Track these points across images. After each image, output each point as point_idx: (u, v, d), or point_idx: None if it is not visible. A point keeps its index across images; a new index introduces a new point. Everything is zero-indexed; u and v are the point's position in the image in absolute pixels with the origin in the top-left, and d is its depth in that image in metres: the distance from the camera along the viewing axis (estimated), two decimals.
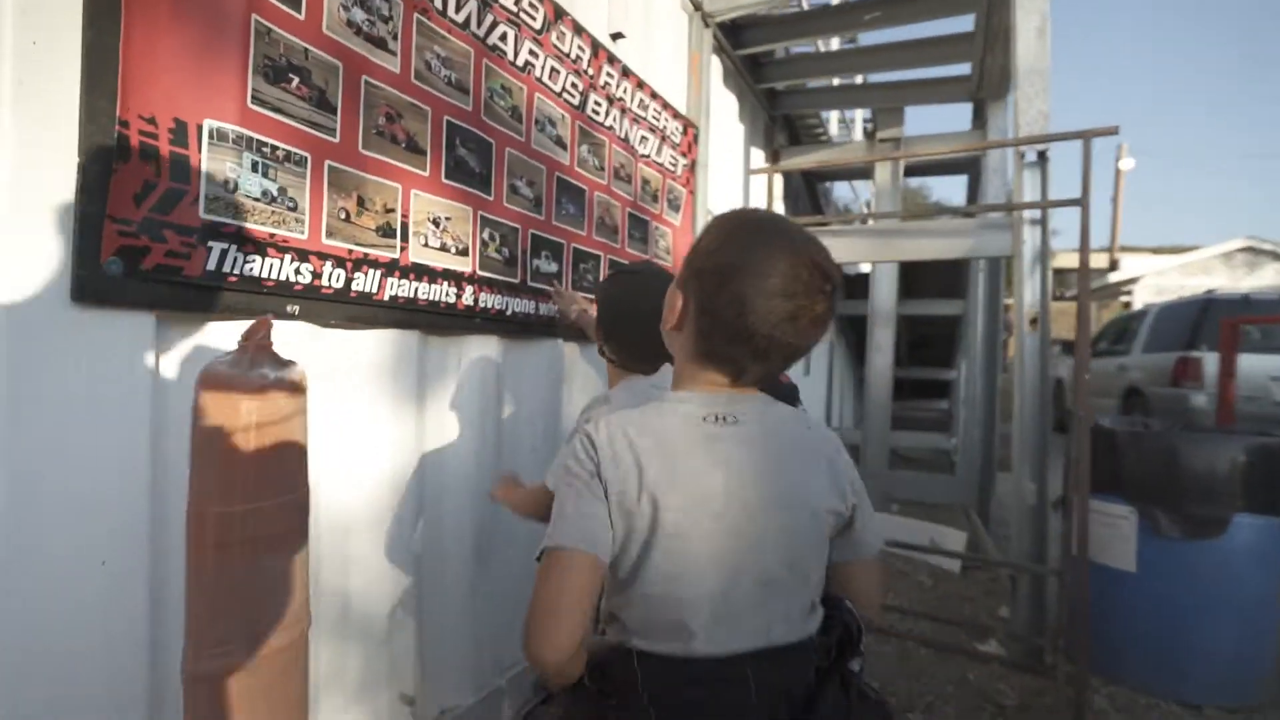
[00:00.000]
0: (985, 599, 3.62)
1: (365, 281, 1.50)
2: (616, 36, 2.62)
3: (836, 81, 4.89)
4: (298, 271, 1.34)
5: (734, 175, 4.26)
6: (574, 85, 2.30)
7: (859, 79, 4.84)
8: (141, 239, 1.07)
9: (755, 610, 0.77)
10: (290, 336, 1.36)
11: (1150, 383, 7.49)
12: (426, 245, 1.68)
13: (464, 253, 1.81)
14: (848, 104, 4.69)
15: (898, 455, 7.25)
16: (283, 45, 1.30)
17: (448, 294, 1.75)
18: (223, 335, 1.25)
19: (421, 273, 1.66)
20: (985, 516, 4.27)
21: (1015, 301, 2.91)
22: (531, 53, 2.06)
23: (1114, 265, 19.82)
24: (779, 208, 5.27)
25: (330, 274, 1.41)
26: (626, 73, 2.65)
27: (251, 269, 1.24)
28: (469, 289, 1.82)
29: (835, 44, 6.69)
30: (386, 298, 1.56)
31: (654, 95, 2.88)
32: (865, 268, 8.57)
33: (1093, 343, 10.16)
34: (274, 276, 1.29)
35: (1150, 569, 2.57)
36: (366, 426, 1.57)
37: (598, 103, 2.46)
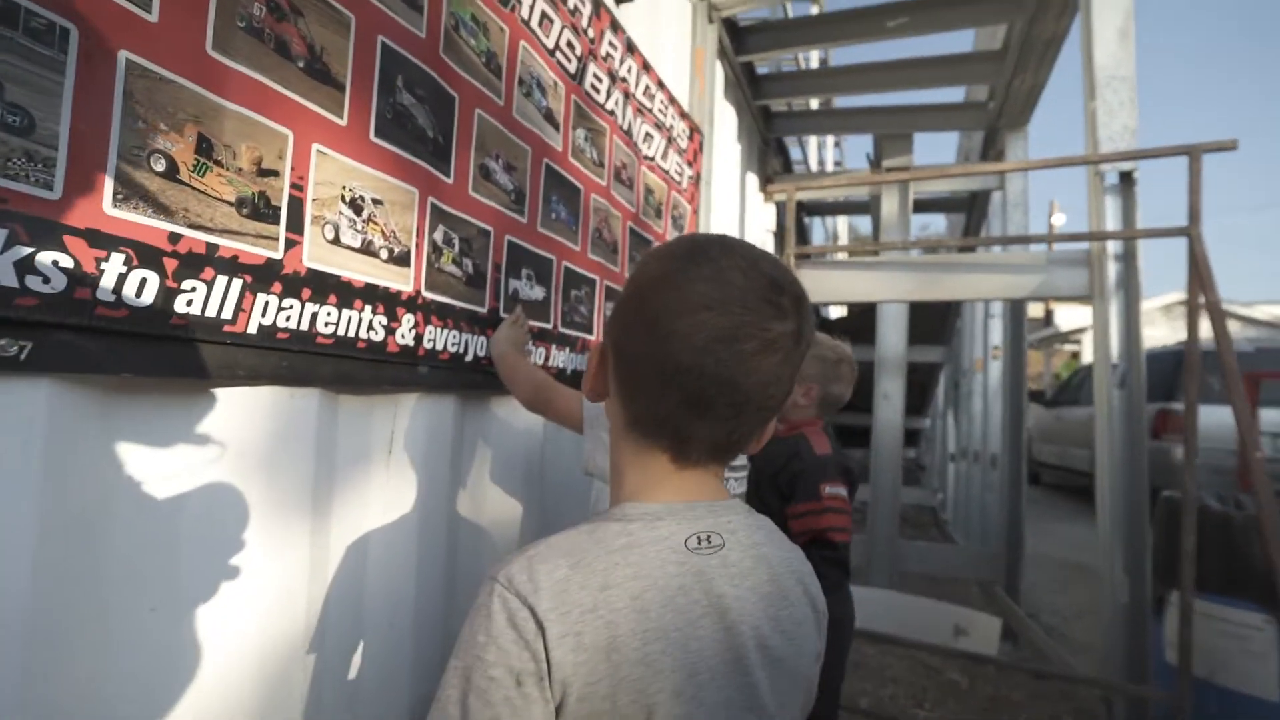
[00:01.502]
0: (1035, 705, 2.99)
1: (209, 297, 0.78)
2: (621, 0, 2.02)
3: (835, 104, 4.43)
4: (29, 268, 0.62)
5: (731, 200, 3.69)
6: (570, 46, 1.66)
7: (858, 102, 4.38)
8: None
9: None
10: (10, 411, 0.62)
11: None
12: (337, 241, 0.98)
13: (402, 260, 1.11)
14: (848, 129, 4.23)
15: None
16: None
17: (372, 326, 1.04)
18: None
19: (326, 287, 0.95)
20: (1015, 596, 3.68)
21: (1096, 349, 2.37)
22: None
23: (1049, 316, 20.35)
24: (775, 242, 4.74)
25: (121, 277, 0.69)
26: (631, 48, 2.03)
27: None
28: (408, 319, 1.12)
29: (815, 61, 6.34)
30: (253, 328, 0.84)
31: (660, 84, 2.27)
32: (838, 310, 8.17)
33: (1059, 391, 10.02)
34: None
35: None
36: (214, 575, 0.83)
37: (598, 77, 1.82)
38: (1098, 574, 4.45)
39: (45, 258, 0.63)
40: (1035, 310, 17.88)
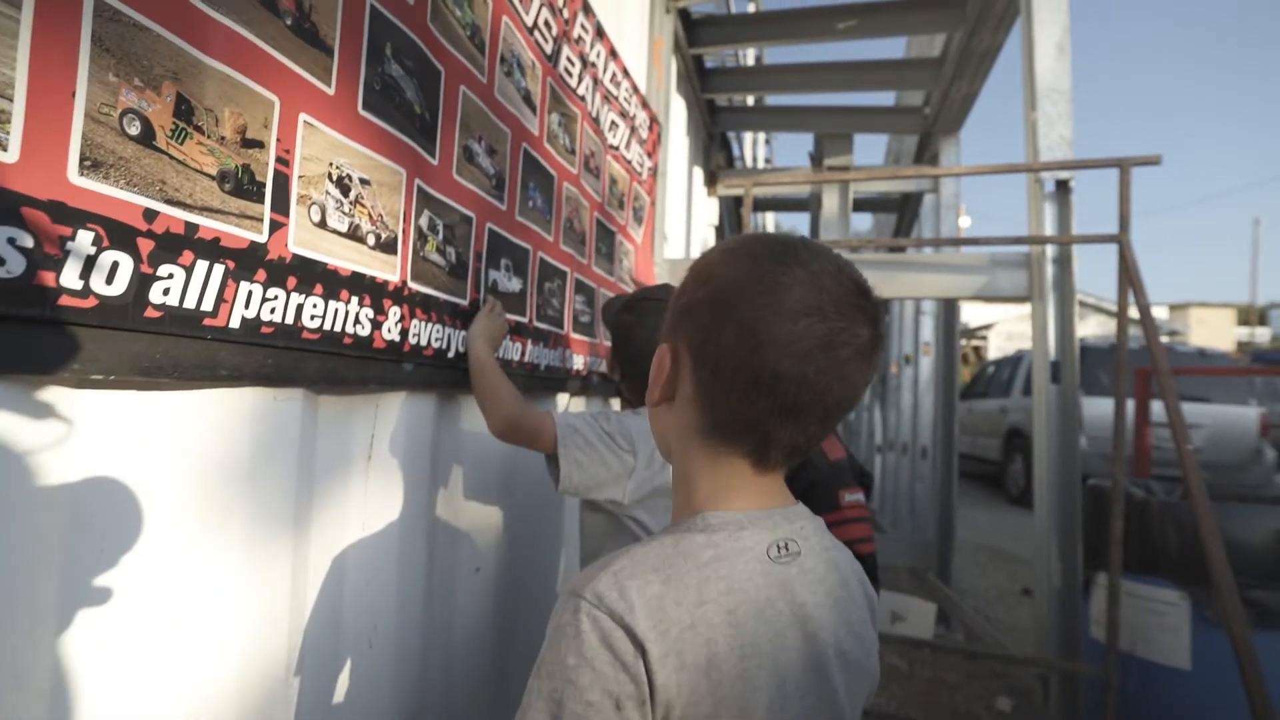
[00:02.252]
0: (970, 685, 3.16)
1: (188, 285, 0.67)
2: None
3: (769, 102, 4.50)
4: None
5: (679, 193, 3.67)
6: (547, 25, 1.58)
7: (801, 101, 4.46)
8: None
9: None
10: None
11: (1031, 424, 7.77)
12: (324, 225, 0.87)
13: (389, 247, 1.01)
14: (791, 126, 4.31)
15: None
16: None
17: (359, 319, 0.94)
18: None
19: (313, 276, 0.85)
20: (947, 581, 3.88)
21: (1036, 348, 2.51)
22: None
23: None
24: (717, 238, 4.77)
25: (92, 261, 0.58)
26: (601, 33, 1.96)
27: None
28: (395, 312, 1.02)
29: (751, 58, 6.43)
30: (236, 321, 0.73)
31: (625, 72, 2.21)
32: None
33: (969, 386, 10.66)
34: None
35: (1208, 666, 2.18)
36: (181, 603, 0.71)
37: (571, 60, 1.74)
38: (1017, 558, 4.75)
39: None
40: None
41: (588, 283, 1.93)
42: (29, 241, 0.53)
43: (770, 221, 11.77)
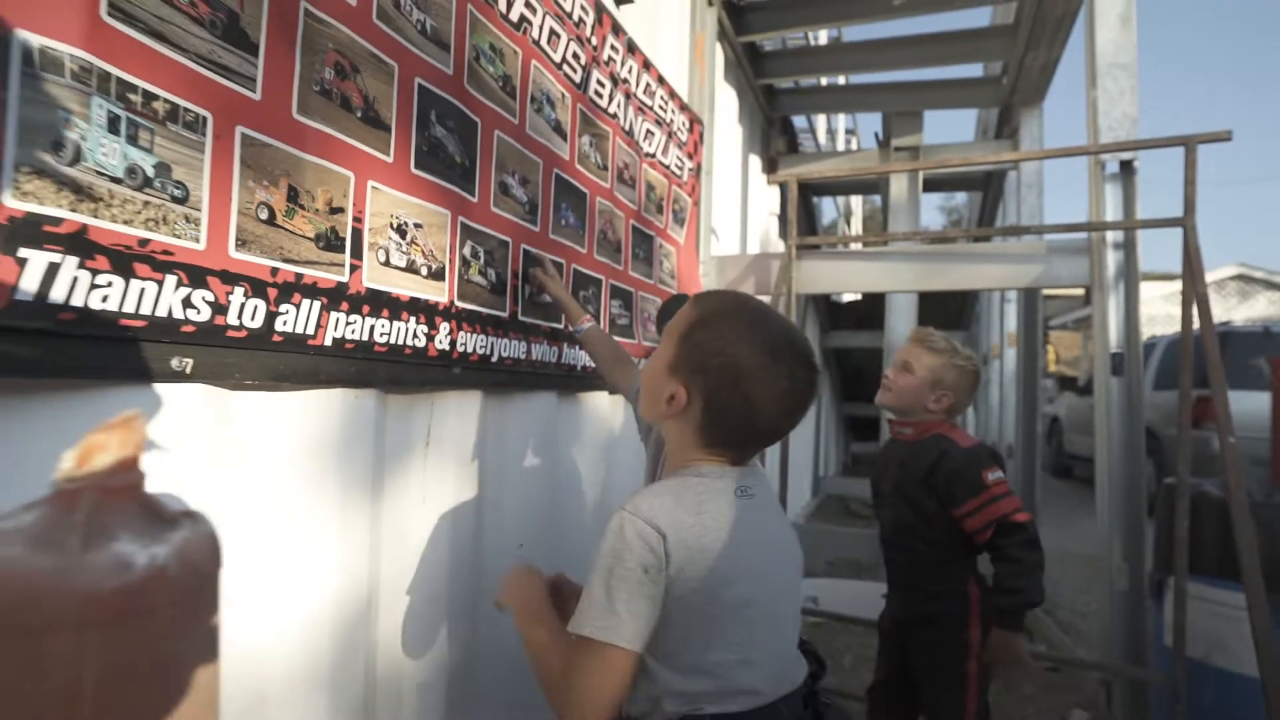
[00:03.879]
0: (1047, 697, 3.30)
1: (298, 318, 1.06)
2: (623, 1, 2.28)
3: (843, 80, 4.69)
4: (188, 302, 0.89)
5: (732, 184, 3.96)
6: (575, 56, 1.93)
7: (870, 78, 4.63)
8: None
9: (791, 658, 0.96)
10: (174, 410, 0.90)
11: (1164, 424, 7.52)
12: (388, 263, 1.26)
13: (438, 275, 1.39)
14: (856, 106, 4.49)
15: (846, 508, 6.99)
16: None
17: (416, 334, 1.32)
18: (47, 433, 0.79)
19: (381, 303, 1.23)
20: None
21: (1097, 339, 2.66)
22: (528, 5, 1.68)
23: (1089, 294, 20.64)
24: (780, 226, 5.01)
25: (242, 306, 0.97)
26: (632, 48, 2.30)
27: (106, 298, 0.79)
28: (444, 326, 1.40)
29: (823, 37, 6.59)
30: (329, 341, 1.12)
31: (661, 80, 2.54)
32: (849, 296, 8.43)
33: (1090, 379, 10.32)
34: (147, 311, 0.84)
35: None
36: (296, 543, 1.11)
37: (601, 82, 2.09)
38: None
39: (197, 295, 0.91)
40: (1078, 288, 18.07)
41: (624, 287, 2.27)
42: (211, 298, 0.93)
43: (857, 203, 11.75)
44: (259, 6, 1.00)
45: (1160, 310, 15.54)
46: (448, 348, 1.40)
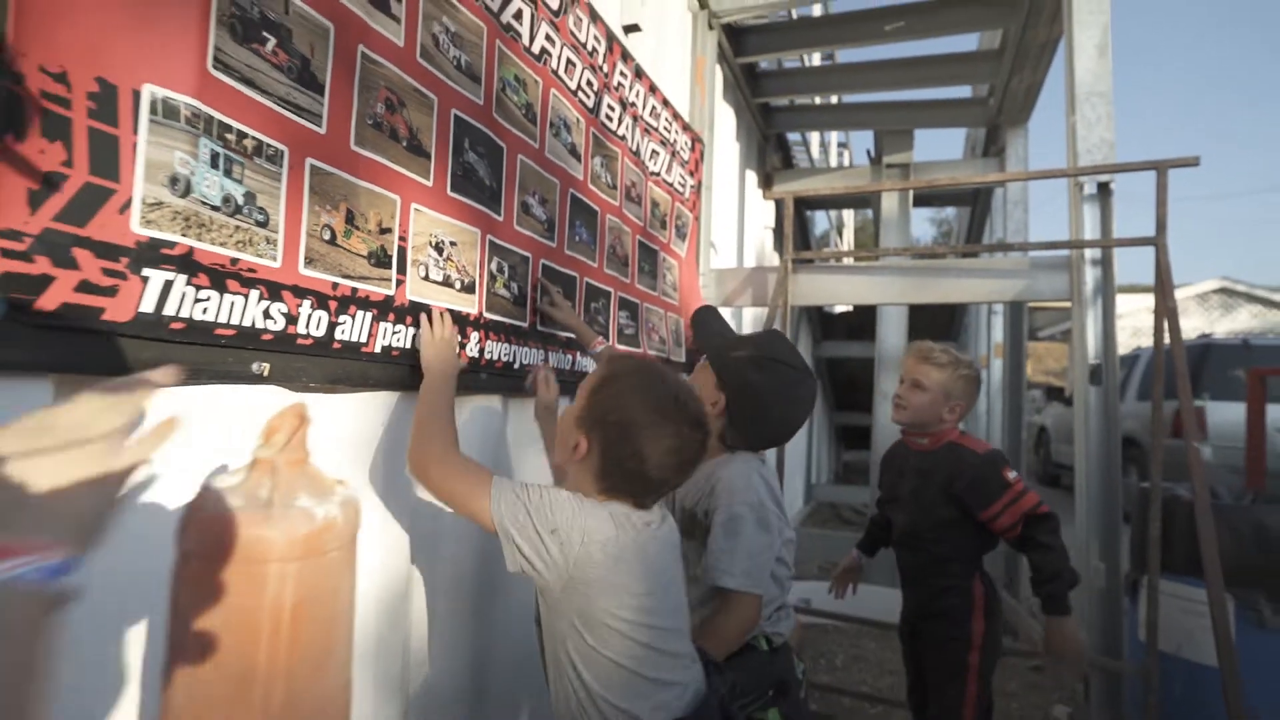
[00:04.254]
0: (1029, 694, 3.44)
1: (352, 327, 1.19)
2: (631, 29, 2.42)
3: (836, 100, 4.86)
4: (268, 314, 1.02)
5: (730, 199, 4.11)
6: (589, 83, 2.07)
7: (863, 98, 4.81)
8: (37, 263, 0.75)
9: None
10: (253, 409, 1.03)
11: (1148, 433, 7.69)
12: (427, 278, 1.38)
13: (469, 288, 1.52)
14: (849, 124, 4.66)
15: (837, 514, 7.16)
16: None
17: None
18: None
19: (421, 314, 1.36)
20: (1015, 592, 4.14)
21: (1076, 350, 2.81)
22: (548, 38, 1.82)
23: None
24: (775, 239, 5.16)
25: (309, 317, 1.10)
26: (639, 74, 2.44)
27: (205, 310, 0.92)
28: (474, 336, 1.52)
29: (816, 59, 6.77)
30: (378, 348, 1.25)
31: (665, 102, 2.68)
32: (840, 307, 8.57)
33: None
34: (236, 321, 0.97)
35: (1254, 668, 2.44)
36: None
37: (611, 107, 2.23)
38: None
39: (275, 307, 1.03)
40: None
41: (631, 299, 2.41)
42: (285, 309, 1.05)
43: (850, 215, 11.95)
44: (326, 51, 1.13)
45: (1146, 322, 15.79)
46: (477, 355, 1.53)
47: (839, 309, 8.22)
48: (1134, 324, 15.57)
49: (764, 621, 1.40)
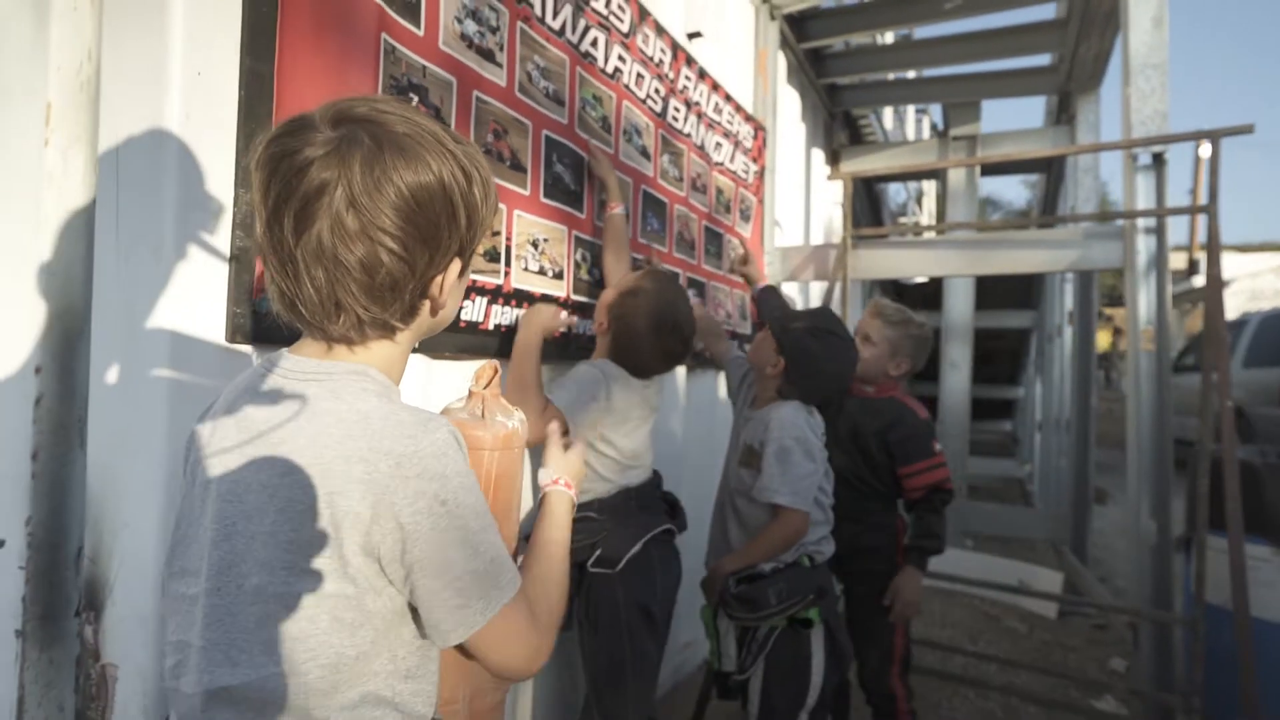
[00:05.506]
0: (1090, 649, 3.60)
1: (473, 309, 1.56)
2: (694, 36, 2.70)
3: (896, 75, 4.95)
4: (492, 312, 1.42)
5: (796, 179, 4.32)
6: (657, 91, 2.37)
7: (929, 71, 4.89)
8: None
9: None
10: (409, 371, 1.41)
11: (1254, 402, 7.40)
12: (526, 269, 1.74)
13: (559, 276, 1.87)
14: (916, 99, 4.75)
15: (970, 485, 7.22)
16: (405, 64, 1.37)
17: None
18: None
19: (522, 298, 1.72)
20: (1082, 555, 4.25)
21: (1128, 318, 2.93)
22: (620, 58, 2.13)
23: (1193, 267, 19.44)
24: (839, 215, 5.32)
25: (474, 307, 1.47)
26: (703, 75, 2.72)
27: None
28: (563, 315, 1.88)
29: (889, 36, 6.79)
30: (491, 325, 1.62)
31: (728, 98, 2.95)
32: (921, 277, 8.55)
33: (1180, 355, 10.08)
34: None
35: None
36: None
37: (677, 108, 2.53)
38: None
39: (495, 307, 1.42)
40: (1178, 261, 16.92)
41: (698, 279, 2.72)
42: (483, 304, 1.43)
43: (930, 184, 11.74)
44: (451, 100, 1.49)
45: (1269, 284, 14.83)
46: (566, 330, 1.89)
47: (916, 280, 8.23)
48: (1253, 287, 14.57)
49: (809, 541, 1.72)
